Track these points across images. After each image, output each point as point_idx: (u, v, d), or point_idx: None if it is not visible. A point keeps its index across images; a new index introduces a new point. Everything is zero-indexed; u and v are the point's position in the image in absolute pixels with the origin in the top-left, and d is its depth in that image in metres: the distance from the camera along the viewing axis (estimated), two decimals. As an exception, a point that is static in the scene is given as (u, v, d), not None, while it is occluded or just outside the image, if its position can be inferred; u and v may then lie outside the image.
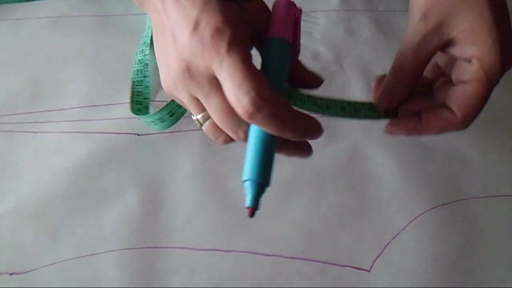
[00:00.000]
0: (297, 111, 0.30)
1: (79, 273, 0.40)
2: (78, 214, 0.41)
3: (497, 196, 0.43)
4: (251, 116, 0.27)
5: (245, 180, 0.29)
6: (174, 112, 0.42)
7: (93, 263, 0.40)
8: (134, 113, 0.42)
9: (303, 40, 0.47)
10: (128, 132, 0.44)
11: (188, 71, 0.29)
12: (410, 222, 0.42)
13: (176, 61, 0.30)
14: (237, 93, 0.27)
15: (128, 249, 0.40)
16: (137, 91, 0.44)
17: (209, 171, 0.43)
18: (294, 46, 0.33)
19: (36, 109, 0.44)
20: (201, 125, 0.32)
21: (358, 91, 0.44)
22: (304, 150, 0.32)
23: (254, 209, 0.29)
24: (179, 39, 0.30)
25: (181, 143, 0.44)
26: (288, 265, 0.40)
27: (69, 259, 0.40)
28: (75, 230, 0.41)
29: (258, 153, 0.29)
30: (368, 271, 0.41)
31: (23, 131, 0.44)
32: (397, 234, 0.41)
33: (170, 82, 0.31)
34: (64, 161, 0.43)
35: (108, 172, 0.42)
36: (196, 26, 0.29)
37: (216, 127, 0.31)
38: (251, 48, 0.31)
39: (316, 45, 0.46)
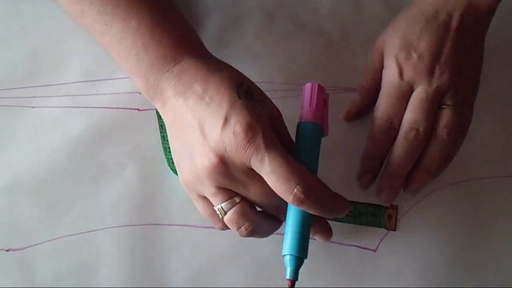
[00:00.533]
0: (332, 191, 0.33)
1: (76, 250, 0.39)
2: (76, 190, 0.40)
3: (504, 177, 0.42)
4: (301, 203, 0.31)
5: (285, 255, 0.32)
6: None
7: (91, 240, 0.39)
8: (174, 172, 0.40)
9: (309, 17, 0.46)
10: (129, 107, 0.42)
11: (222, 165, 0.31)
12: (417, 202, 0.41)
13: (206, 156, 0.31)
14: (285, 185, 0.30)
15: (127, 225, 0.39)
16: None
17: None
18: (323, 129, 0.35)
19: (35, 84, 0.43)
20: (225, 213, 0.33)
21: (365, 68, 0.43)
22: (327, 230, 0.36)
23: (294, 281, 0.32)
24: (208, 135, 0.31)
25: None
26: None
27: (67, 235, 0.39)
28: (73, 206, 0.40)
29: (297, 229, 0.32)
30: (374, 251, 0.39)
31: (21, 106, 0.43)
32: (404, 214, 0.40)
33: (194, 177, 0.32)
34: (62, 136, 0.42)
35: (107, 147, 0.41)
36: (226, 121, 0.31)
37: (241, 214, 0.33)
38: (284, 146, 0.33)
39: (322, 21, 0.45)
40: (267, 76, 0.43)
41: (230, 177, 0.32)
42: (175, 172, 0.38)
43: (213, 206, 0.33)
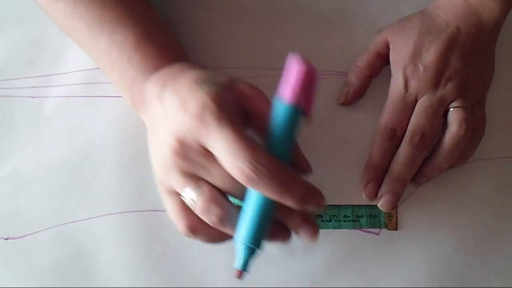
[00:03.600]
0: (298, 176, 0.29)
1: (76, 238, 0.39)
2: (75, 178, 0.40)
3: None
4: (251, 181, 0.28)
5: (237, 242, 0.30)
6: None
7: (90, 228, 0.39)
8: None
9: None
10: (128, 96, 0.42)
11: (181, 148, 0.30)
12: (415, 194, 0.40)
13: (167, 142, 0.31)
14: (234, 162, 0.28)
15: (126, 212, 0.39)
16: None
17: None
18: (306, 113, 0.31)
19: (35, 74, 0.43)
20: (195, 203, 0.31)
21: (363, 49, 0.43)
22: (311, 226, 0.31)
23: (242, 272, 0.30)
24: (169, 119, 0.31)
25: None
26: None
27: (66, 223, 0.39)
28: (72, 194, 0.40)
29: (254, 218, 0.29)
30: (377, 234, 0.39)
31: (21, 96, 0.43)
32: (408, 196, 0.40)
33: (163, 168, 0.32)
34: (63, 125, 0.42)
35: (107, 135, 0.41)
36: (183, 102, 0.30)
37: (212, 199, 0.31)
38: (241, 125, 0.31)
39: (321, 4, 0.44)
40: (265, 61, 0.43)
41: (192, 160, 0.30)
42: None
43: (183, 201, 0.32)
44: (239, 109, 0.31)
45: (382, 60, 0.41)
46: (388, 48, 0.41)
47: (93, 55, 0.38)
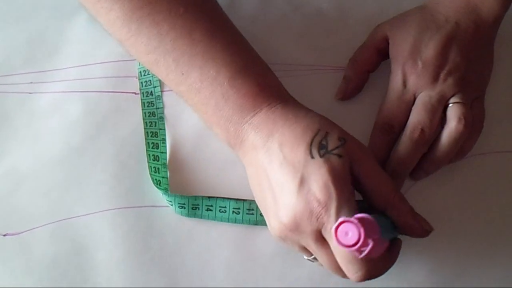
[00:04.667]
0: (391, 256, 0.33)
1: (73, 234, 0.39)
2: (73, 174, 0.40)
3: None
4: (360, 281, 0.31)
5: None
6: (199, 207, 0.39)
7: (88, 224, 0.39)
8: (155, 185, 0.39)
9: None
10: (125, 91, 0.42)
11: (295, 228, 0.31)
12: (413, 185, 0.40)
13: (277, 221, 0.31)
14: (349, 267, 0.30)
15: (124, 208, 0.39)
16: (154, 167, 0.39)
17: (210, 132, 0.41)
18: None
19: (32, 70, 0.43)
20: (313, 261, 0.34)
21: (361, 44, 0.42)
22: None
23: None
24: (280, 199, 0.31)
25: (180, 101, 0.42)
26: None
27: (64, 219, 0.39)
28: (70, 190, 0.40)
29: None
30: (375, 229, 0.39)
31: (18, 92, 0.43)
32: (406, 191, 0.40)
33: (278, 234, 0.32)
34: (60, 121, 0.41)
35: (104, 131, 0.41)
36: (301, 184, 0.30)
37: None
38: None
39: (319, 1, 0.44)
40: (264, 58, 0.43)
41: (305, 241, 0.31)
42: (154, 182, 0.38)
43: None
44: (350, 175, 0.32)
45: (380, 55, 0.41)
46: (387, 43, 0.41)
47: (180, 92, 0.35)
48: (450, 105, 0.38)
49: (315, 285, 0.37)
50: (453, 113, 0.37)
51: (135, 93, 0.42)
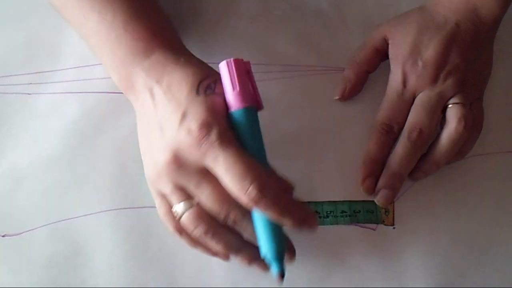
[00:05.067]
0: (295, 199, 0.32)
1: (72, 235, 0.39)
2: (72, 175, 0.40)
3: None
4: (256, 202, 0.29)
5: (265, 257, 0.32)
6: None
7: (87, 224, 0.39)
8: None
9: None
10: (124, 92, 0.42)
11: (176, 162, 0.31)
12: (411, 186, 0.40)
13: (163, 153, 0.31)
14: (240, 183, 0.29)
15: (123, 208, 0.39)
16: None
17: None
18: (257, 106, 0.33)
19: (31, 71, 0.43)
20: (181, 215, 0.33)
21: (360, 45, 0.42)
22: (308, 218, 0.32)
23: (282, 274, 0.32)
24: (166, 131, 0.31)
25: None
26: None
27: (63, 220, 0.39)
28: (68, 191, 0.40)
29: (268, 231, 0.31)
30: (374, 229, 0.39)
31: (17, 93, 0.43)
32: (405, 191, 0.40)
33: (155, 173, 0.32)
34: (59, 122, 0.41)
35: (103, 132, 0.41)
36: (182, 118, 0.31)
37: (198, 216, 0.32)
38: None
39: (318, 2, 0.44)
40: (264, 58, 0.43)
41: (185, 175, 0.31)
42: None
43: (170, 206, 0.33)
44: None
45: (379, 56, 0.41)
46: (386, 44, 0.41)
47: (82, 34, 0.37)
48: (450, 106, 0.38)
49: (314, 285, 0.37)
50: (453, 114, 0.37)
51: (134, 93, 0.42)
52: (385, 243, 0.38)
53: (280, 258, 0.32)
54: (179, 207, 0.33)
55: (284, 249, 0.32)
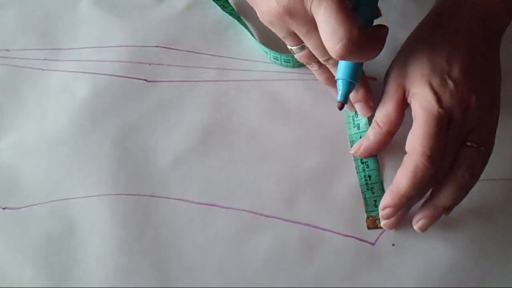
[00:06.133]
0: (375, 40, 0.32)
1: (71, 214, 0.39)
2: (76, 155, 0.40)
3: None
4: (342, 58, 0.31)
5: (338, 79, 0.35)
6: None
7: (86, 206, 0.39)
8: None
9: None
10: (137, 77, 0.42)
11: (289, 11, 0.32)
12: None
13: (271, 4, 0.32)
14: (331, 38, 0.30)
15: (123, 194, 0.39)
16: None
17: (216, 124, 0.41)
18: None
19: (47, 47, 0.43)
20: (295, 53, 0.37)
21: (385, 57, 0.41)
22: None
23: (343, 103, 0.36)
24: None
25: (190, 93, 0.42)
26: (289, 229, 0.38)
27: (64, 199, 0.39)
28: (72, 170, 0.40)
29: (348, 63, 0.35)
30: (373, 244, 0.38)
31: (32, 68, 0.43)
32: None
33: (268, 18, 0.34)
34: (69, 101, 0.42)
35: (111, 116, 0.41)
36: None
37: (309, 57, 0.36)
38: None
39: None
40: (264, 59, 0.42)
41: (297, 25, 0.33)
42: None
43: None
44: None
45: (403, 107, 0.37)
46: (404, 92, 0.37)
47: None
48: (468, 145, 0.35)
49: (314, 285, 0.37)
50: (468, 159, 0.35)
51: (146, 80, 0.42)
52: (382, 259, 0.37)
53: (347, 87, 0.35)
54: (293, 49, 0.36)
55: (354, 86, 0.36)
